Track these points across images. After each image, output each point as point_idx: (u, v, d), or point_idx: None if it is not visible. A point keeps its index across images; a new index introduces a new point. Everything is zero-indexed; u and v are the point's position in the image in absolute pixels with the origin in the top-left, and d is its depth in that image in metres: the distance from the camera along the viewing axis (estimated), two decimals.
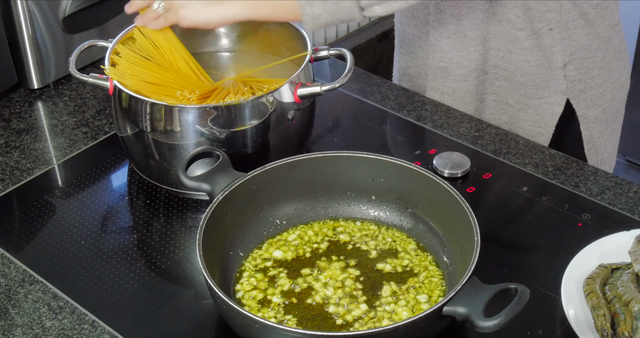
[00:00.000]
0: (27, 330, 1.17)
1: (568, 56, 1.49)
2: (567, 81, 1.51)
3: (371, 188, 1.27)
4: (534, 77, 1.51)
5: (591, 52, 1.51)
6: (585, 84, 1.52)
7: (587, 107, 1.54)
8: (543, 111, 1.54)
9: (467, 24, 1.49)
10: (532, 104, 1.54)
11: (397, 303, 1.15)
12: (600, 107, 1.56)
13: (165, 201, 1.37)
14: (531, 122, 1.56)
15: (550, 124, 1.55)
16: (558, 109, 1.53)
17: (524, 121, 1.57)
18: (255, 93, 1.36)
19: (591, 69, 1.52)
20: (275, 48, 1.49)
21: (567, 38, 1.48)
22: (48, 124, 1.54)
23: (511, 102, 1.56)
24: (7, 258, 1.27)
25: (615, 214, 1.31)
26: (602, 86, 1.54)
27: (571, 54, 1.49)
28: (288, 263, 1.22)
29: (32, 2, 1.54)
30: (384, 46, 3.09)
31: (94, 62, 1.66)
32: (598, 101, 1.55)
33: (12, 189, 1.40)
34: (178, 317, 1.18)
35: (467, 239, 1.13)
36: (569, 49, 1.49)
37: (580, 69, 1.51)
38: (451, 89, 1.57)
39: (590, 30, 1.49)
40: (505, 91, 1.55)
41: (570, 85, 1.51)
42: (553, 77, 1.51)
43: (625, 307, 1.11)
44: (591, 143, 1.57)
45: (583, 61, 1.51)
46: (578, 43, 1.49)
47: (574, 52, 1.49)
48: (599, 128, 1.57)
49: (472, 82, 1.55)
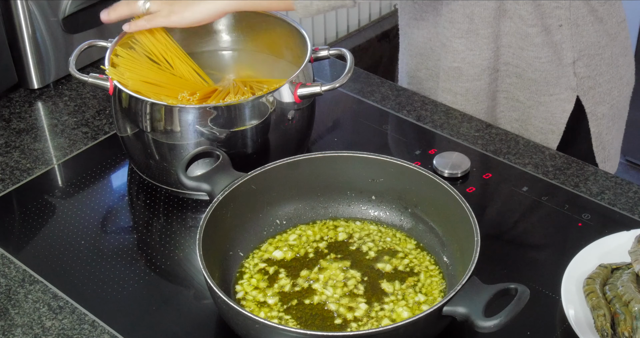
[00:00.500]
0: (27, 330, 1.17)
1: (577, 52, 1.50)
2: (576, 77, 1.51)
3: (371, 188, 1.27)
4: (545, 73, 1.52)
5: (600, 48, 1.51)
6: (594, 80, 1.53)
7: (596, 104, 1.55)
8: (554, 108, 1.54)
9: (479, 22, 1.49)
10: (543, 101, 1.55)
11: (397, 303, 1.15)
12: (608, 104, 1.56)
13: (165, 201, 1.37)
14: (542, 119, 1.56)
15: (561, 121, 1.55)
16: (569, 106, 1.54)
17: (535, 118, 1.57)
18: (255, 93, 1.36)
19: (600, 65, 1.53)
20: (275, 48, 1.49)
21: (577, 34, 1.48)
22: (48, 124, 1.54)
23: (522, 99, 1.56)
24: (7, 258, 1.27)
25: (615, 214, 1.31)
26: (610, 83, 1.55)
27: (580, 50, 1.50)
28: (288, 263, 1.22)
29: (32, 2, 1.54)
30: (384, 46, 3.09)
31: (94, 62, 1.66)
32: (606, 98, 1.56)
33: (12, 189, 1.40)
34: (178, 317, 1.18)
35: (467, 239, 1.13)
36: (579, 46, 1.49)
37: (590, 66, 1.52)
38: (464, 89, 1.57)
39: (599, 26, 1.49)
40: (516, 88, 1.56)
41: (580, 82, 1.52)
42: (563, 73, 1.51)
43: (625, 307, 1.11)
44: (599, 139, 1.58)
45: (592, 57, 1.51)
46: (587, 39, 1.49)
47: (583, 49, 1.50)
48: (607, 125, 1.58)
49: (485, 80, 1.55)
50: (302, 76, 1.34)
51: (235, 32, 1.52)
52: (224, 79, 1.45)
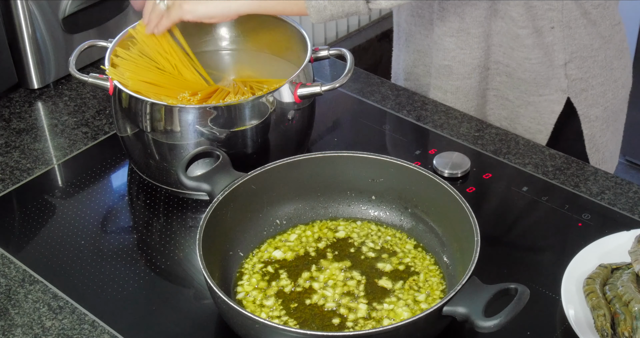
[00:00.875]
0: (27, 330, 1.17)
1: (569, 54, 1.49)
2: (567, 79, 1.51)
3: (371, 188, 1.27)
4: (535, 74, 1.51)
5: (593, 51, 1.51)
6: (587, 82, 1.53)
7: (589, 106, 1.55)
8: (543, 108, 1.54)
9: (470, 21, 1.49)
10: (532, 101, 1.54)
11: (397, 303, 1.15)
12: (602, 106, 1.56)
13: (165, 201, 1.37)
14: (530, 119, 1.56)
15: (549, 121, 1.55)
16: (558, 107, 1.53)
17: (523, 117, 1.57)
18: (255, 93, 1.36)
19: (592, 68, 1.52)
20: (275, 48, 1.49)
21: (569, 37, 1.48)
22: (48, 124, 1.54)
23: (511, 98, 1.56)
24: (7, 258, 1.27)
25: (615, 214, 1.31)
26: (604, 85, 1.55)
27: (572, 52, 1.49)
28: (288, 263, 1.22)
29: (32, 2, 1.54)
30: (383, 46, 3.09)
31: (94, 62, 1.66)
32: (599, 100, 1.55)
33: (12, 189, 1.40)
34: (178, 317, 1.18)
35: (467, 239, 1.13)
36: (570, 48, 1.49)
37: (582, 68, 1.51)
38: (455, 87, 1.57)
39: (592, 29, 1.49)
40: (506, 87, 1.56)
41: (571, 84, 1.52)
42: (554, 75, 1.51)
43: (625, 307, 1.10)
44: (592, 141, 1.57)
45: (584, 59, 1.51)
46: (579, 42, 1.49)
47: (575, 51, 1.50)
48: (601, 127, 1.57)
49: (475, 79, 1.56)
50: (302, 76, 1.34)
51: (235, 32, 1.52)
52: (224, 79, 1.45)
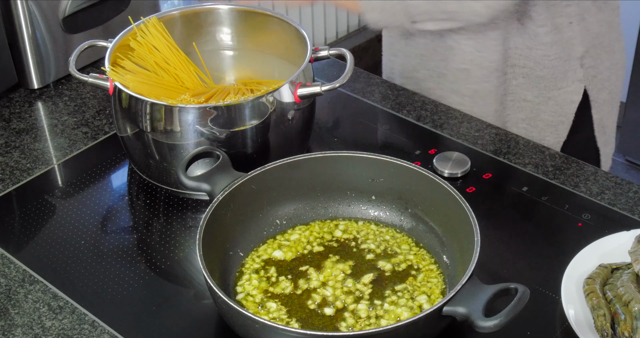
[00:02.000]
0: (27, 330, 1.17)
1: (585, 45, 1.51)
2: (583, 68, 1.52)
3: (371, 188, 1.27)
4: (553, 70, 1.53)
5: (601, 37, 1.53)
6: (597, 69, 1.55)
7: (598, 91, 1.57)
8: (562, 100, 1.55)
9: (487, 23, 1.49)
10: (552, 95, 1.55)
11: (397, 303, 1.15)
12: (607, 90, 1.59)
13: (165, 201, 1.37)
14: (552, 113, 1.57)
15: (569, 112, 1.56)
16: (577, 97, 1.55)
17: (544, 113, 1.58)
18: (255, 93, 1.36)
19: (601, 54, 1.55)
20: (275, 48, 1.49)
21: (584, 29, 1.50)
22: (48, 124, 1.54)
23: (530, 98, 1.57)
24: (7, 258, 1.27)
25: (615, 214, 1.31)
26: (610, 69, 1.57)
27: (588, 42, 1.51)
28: (288, 263, 1.22)
29: (32, 2, 1.54)
30: None
31: (94, 62, 1.66)
32: (606, 84, 1.58)
33: (12, 189, 1.40)
34: (178, 317, 1.18)
35: (467, 239, 1.13)
36: (587, 39, 1.51)
37: (593, 56, 1.54)
38: (472, 90, 1.58)
39: (601, 17, 1.52)
40: (523, 89, 1.56)
41: (585, 72, 1.53)
42: (570, 67, 1.52)
43: (625, 307, 1.10)
44: (601, 124, 1.60)
45: (596, 47, 1.53)
46: (592, 31, 1.51)
47: (590, 41, 1.52)
48: (607, 110, 1.61)
49: (493, 82, 1.56)
50: (302, 76, 1.34)
51: (235, 32, 1.51)
52: (224, 79, 1.45)
